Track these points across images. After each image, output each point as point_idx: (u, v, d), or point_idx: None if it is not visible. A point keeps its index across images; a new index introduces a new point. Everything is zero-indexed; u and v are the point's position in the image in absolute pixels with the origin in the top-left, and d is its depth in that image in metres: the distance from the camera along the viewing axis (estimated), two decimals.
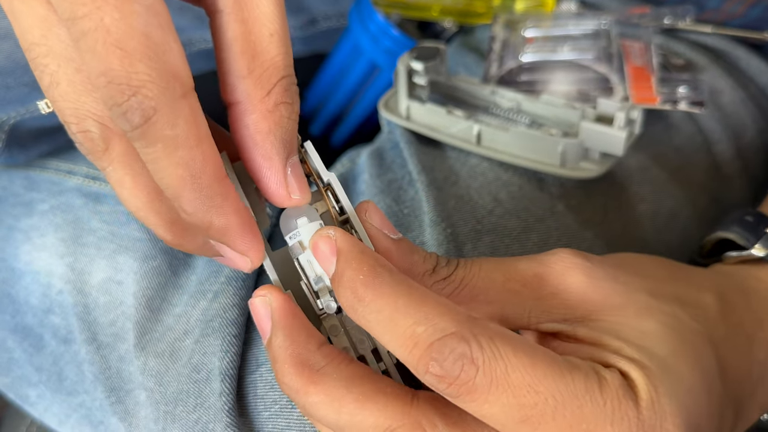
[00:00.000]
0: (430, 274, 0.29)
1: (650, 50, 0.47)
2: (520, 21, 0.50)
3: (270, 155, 0.27)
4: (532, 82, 0.47)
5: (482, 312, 0.29)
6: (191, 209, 0.26)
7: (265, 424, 0.36)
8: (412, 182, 0.43)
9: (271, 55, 0.26)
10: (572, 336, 0.28)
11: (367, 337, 0.29)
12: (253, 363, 0.38)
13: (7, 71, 0.46)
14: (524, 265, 0.29)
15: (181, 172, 0.25)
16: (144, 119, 0.24)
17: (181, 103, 0.24)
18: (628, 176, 0.45)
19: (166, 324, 0.41)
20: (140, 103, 0.23)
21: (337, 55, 0.59)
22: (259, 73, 0.26)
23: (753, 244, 0.35)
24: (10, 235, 0.49)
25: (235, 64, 0.26)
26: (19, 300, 0.48)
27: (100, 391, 0.43)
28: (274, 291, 0.28)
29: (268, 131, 0.27)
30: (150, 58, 0.23)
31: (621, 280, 0.29)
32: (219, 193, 0.26)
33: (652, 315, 0.28)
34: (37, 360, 0.47)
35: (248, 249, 0.27)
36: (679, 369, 0.27)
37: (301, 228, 0.29)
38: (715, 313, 0.30)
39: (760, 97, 0.52)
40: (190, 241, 0.29)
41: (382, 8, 0.55)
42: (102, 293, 0.43)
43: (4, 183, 0.51)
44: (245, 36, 0.26)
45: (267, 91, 0.27)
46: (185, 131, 0.24)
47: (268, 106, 0.27)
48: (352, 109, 0.60)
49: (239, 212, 0.26)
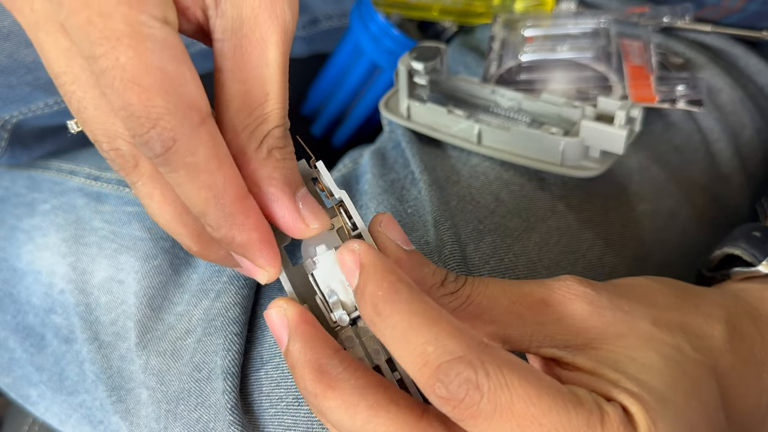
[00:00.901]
0: (439, 287, 0.30)
1: (649, 49, 0.47)
2: (519, 20, 0.50)
3: (277, 197, 0.29)
4: (531, 81, 0.47)
5: (485, 331, 0.29)
6: (215, 225, 0.27)
7: (271, 422, 0.36)
8: (415, 182, 0.43)
9: (265, 112, 0.28)
10: (571, 364, 0.28)
11: (381, 347, 0.30)
12: (258, 361, 0.38)
13: (9, 70, 0.46)
14: (529, 289, 0.30)
15: (205, 194, 0.27)
16: (165, 149, 0.25)
17: (200, 130, 0.26)
18: (627, 176, 0.45)
19: (167, 323, 0.41)
20: (160, 135, 0.25)
21: (338, 55, 0.59)
22: (252, 129, 0.28)
23: (760, 261, 0.35)
24: (12, 235, 0.49)
25: (231, 120, 0.28)
26: (21, 300, 0.48)
27: (102, 391, 0.43)
28: (289, 302, 0.29)
29: (269, 177, 0.29)
30: (166, 92, 0.25)
31: (625, 309, 0.29)
32: (240, 212, 0.27)
33: (653, 346, 0.28)
34: (38, 360, 0.47)
35: (266, 263, 0.29)
36: (678, 403, 0.27)
37: (320, 255, 0.30)
38: (721, 343, 0.30)
39: (758, 96, 0.52)
40: (215, 252, 0.31)
41: (382, 9, 0.56)
42: (103, 292, 0.43)
43: (7, 183, 0.51)
44: (243, 95, 0.28)
45: (258, 143, 0.28)
46: (205, 157, 0.26)
47: (262, 155, 0.28)
48: (353, 109, 0.60)
49: (259, 229, 0.28)
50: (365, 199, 0.43)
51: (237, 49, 0.27)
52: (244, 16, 0.27)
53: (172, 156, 0.26)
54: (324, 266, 0.30)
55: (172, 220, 0.30)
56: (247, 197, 0.28)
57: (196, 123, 0.26)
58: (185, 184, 0.26)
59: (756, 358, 0.31)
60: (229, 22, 0.27)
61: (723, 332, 0.31)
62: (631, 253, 0.44)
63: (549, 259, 0.41)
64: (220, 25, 0.27)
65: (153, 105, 0.25)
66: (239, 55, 0.27)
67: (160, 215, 0.30)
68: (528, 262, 0.40)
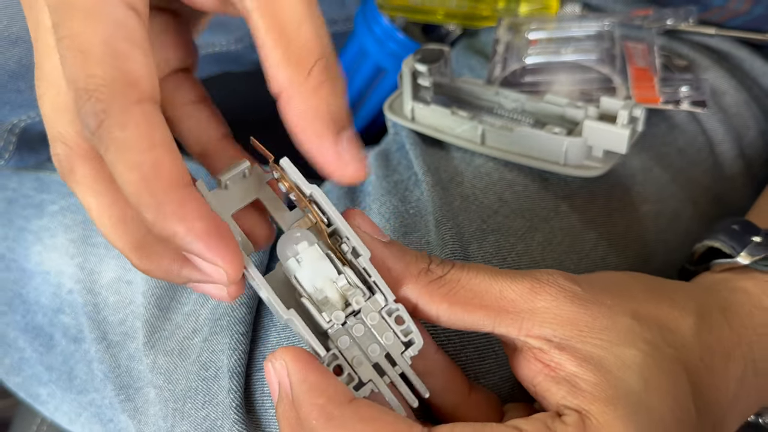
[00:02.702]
0: (425, 273, 0.30)
1: (653, 51, 0.48)
2: (523, 23, 0.50)
3: (320, 133, 0.28)
4: (535, 83, 0.48)
5: (478, 315, 0.30)
6: (151, 217, 0.26)
7: (272, 421, 0.36)
8: (418, 183, 0.43)
9: (304, 41, 0.28)
10: (556, 356, 0.29)
11: (377, 343, 0.30)
12: (261, 360, 0.38)
13: (18, 75, 0.46)
14: (520, 278, 0.30)
15: (134, 176, 0.25)
16: (97, 123, 0.25)
17: (134, 108, 0.26)
18: (631, 177, 0.46)
19: (175, 322, 0.41)
20: (93, 107, 0.25)
21: (343, 58, 0.59)
22: (296, 59, 0.28)
23: (739, 253, 0.36)
24: (21, 236, 0.49)
25: (271, 54, 0.28)
26: (30, 300, 0.49)
27: (110, 389, 0.43)
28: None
29: (315, 111, 0.28)
30: (107, 65, 0.25)
31: (608, 303, 0.30)
32: (175, 200, 0.26)
33: (633, 341, 0.29)
34: (47, 359, 0.48)
35: (218, 256, 0.26)
36: (652, 402, 0.28)
37: (302, 253, 0.30)
38: (691, 335, 0.32)
39: (763, 98, 0.52)
40: (156, 265, 0.29)
41: (387, 12, 0.56)
42: (112, 292, 0.44)
43: (15, 185, 0.52)
44: (276, 28, 0.27)
45: (306, 74, 0.28)
46: (135, 135, 0.25)
47: (310, 88, 0.28)
48: (358, 111, 0.61)
49: (204, 218, 0.26)
50: (368, 200, 0.43)
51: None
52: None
53: (104, 131, 0.25)
54: (308, 263, 0.30)
55: (110, 229, 0.29)
56: (187, 186, 0.26)
57: (132, 100, 0.26)
58: (116, 163, 0.25)
59: (724, 348, 0.32)
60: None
61: (693, 324, 0.32)
62: (634, 253, 0.44)
63: (552, 259, 0.41)
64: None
65: (92, 75, 0.25)
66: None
67: (99, 223, 0.29)
68: (531, 261, 0.40)
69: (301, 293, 0.30)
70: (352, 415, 0.26)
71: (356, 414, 0.26)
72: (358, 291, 0.30)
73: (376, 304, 0.30)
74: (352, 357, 0.29)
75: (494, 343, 0.37)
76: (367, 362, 0.29)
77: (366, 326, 0.30)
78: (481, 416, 0.33)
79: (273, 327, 0.39)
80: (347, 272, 0.30)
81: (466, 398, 0.33)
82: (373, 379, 0.29)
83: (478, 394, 0.34)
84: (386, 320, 0.30)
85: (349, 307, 0.30)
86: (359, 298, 0.30)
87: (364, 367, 0.29)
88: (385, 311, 0.30)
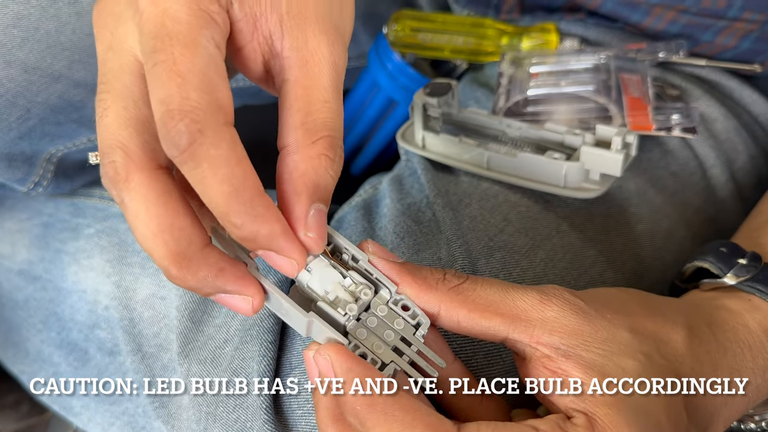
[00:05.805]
0: (442, 281, 0.33)
1: (646, 82, 0.49)
2: (525, 58, 0.52)
3: (298, 192, 0.30)
4: (537, 113, 0.49)
5: (496, 322, 0.32)
6: (240, 221, 0.29)
7: (299, 422, 0.39)
8: (430, 205, 0.46)
9: (322, 116, 0.31)
10: (563, 365, 0.32)
11: (391, 330, 0.33)
12: (287, 366, 0.41)
13: (58, 109, 0.49)
14: (529, 290, 0.33)
15: (227, 188, 0.28)
16: (190, 141, 0.28)
17: (224, 129, 0.29)
18: (627, 199, 0.48)
19: (207, 334, 0.43)
20: (188, 126, 0.28)
21: (358, 91, 0.62)
22: (309, 127, 0.31)
23: (725, 273, 0.39)
24: (57, 258, 0.52)
25: (292, 118, 0.31)
26: (65, 317, 0.51)
27: (144, 398, 0.46)
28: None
29: (303, 172, 0.30)
30: (202, 90, 0.28)
31: (608, 317, 0.33)
32: (262, 204, 0.29)
33: (630, 353, 0.32)
34: (82, 372, 0.50)
35: (292, 251, 0.30)
36: (649, 406, 0.31)
37: (310, 264, 0.33)
38: (683, 347, 0.34)
39: (753, 124, 0.54)
40: (193, 275, 0.30)
41: (398, 49, 0.58)
42: (147, 308, 0.46)
43: (51, 210, 0.54)
44: (305, 98, 0.31)
45: (313, 141, 0.31)
46: (227, 152, 0.28)
47: (311, 153, 0.31)
48: (371, 139, 0.63)
49: (281, 221, 0.30)
50: (384, 221, 0.46)
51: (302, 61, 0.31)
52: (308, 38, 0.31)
53: (198, 148, 0.27)
54: (317, 272, 0.33)
55: (152, 237, 0.30)
56: (265, 193, 0.29)
57: (222, 122, 0.28)
58: (208, 178, 0.28)
59: (712, 359, 0.35)
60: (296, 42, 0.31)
61: (684, 337, 0.34)
62: (630, 269, 0.46)
63: (554, 275, 0.43)
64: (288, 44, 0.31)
65: (188, 98, 0.28)
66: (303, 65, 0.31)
67: (143, 231, 0.30)
68: (534, 276, 0.43)
69: (315, 298, 0.33)
70: (393, 402, 0.29)
71: (397, 402, 0.29)
72: (364, 286, 0.33)
73: (382, 298, 0.33)
74: (372, 344, 0.32)
75: (502, 351, 0.40)
76: (385, 346, 0.32)
77: (378, 318, 0.33)
78: (492, 420, 0.35)
79: (298, 336, 0.41)
80: (352, 275, 0.33)
81: (479, 402, 0.35)
82: (394, 359, 0.32)
83: (489, 399, 0.36)
84: (394, 309, 0.33)
85: (359, 301, 0.33)
86: (367, 290, 0.33)
87: (384, 350, 0.32)
88: (391, 302, 0.33)
